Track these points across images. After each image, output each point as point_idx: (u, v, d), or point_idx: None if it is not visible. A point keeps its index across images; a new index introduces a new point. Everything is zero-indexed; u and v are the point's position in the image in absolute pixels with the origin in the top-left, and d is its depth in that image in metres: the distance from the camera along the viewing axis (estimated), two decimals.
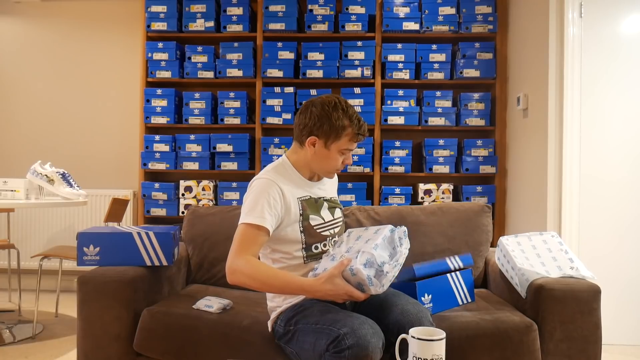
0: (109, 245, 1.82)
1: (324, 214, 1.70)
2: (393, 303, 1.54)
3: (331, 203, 1.76)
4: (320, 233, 1.66)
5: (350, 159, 1.69)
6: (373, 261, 1.41)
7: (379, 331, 1.40)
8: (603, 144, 2.81)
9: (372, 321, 1.43)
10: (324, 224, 1.68)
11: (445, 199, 3.49)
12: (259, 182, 1.61)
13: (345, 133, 1.62)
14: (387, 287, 1.45)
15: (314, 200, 1.70)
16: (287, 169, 1.69)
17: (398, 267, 1.43)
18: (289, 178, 1.67)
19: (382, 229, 1.55)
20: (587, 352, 1.67)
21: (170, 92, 3.64)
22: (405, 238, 1.53)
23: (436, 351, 1.22)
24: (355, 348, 1.33)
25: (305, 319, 1.51)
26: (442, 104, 3.56)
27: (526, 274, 1.78)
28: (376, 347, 1.35)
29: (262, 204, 1.55)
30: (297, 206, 1.63)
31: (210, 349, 1.66)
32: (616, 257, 2.80)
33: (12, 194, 2.77)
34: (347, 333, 1.35)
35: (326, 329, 1.41)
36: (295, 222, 1.62)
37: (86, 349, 1.74)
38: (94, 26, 4.08)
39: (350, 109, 1.64)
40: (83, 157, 4.07)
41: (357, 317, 1.42)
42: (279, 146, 3.56)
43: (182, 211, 3.60)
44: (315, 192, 1.73)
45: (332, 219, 1.73)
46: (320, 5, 3.56)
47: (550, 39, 2.85)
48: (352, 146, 1.66)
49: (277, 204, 1.58)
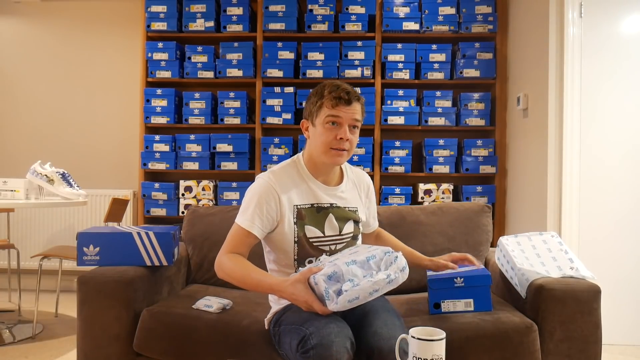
0: (108, 245, 1.82)
1: (327, 226, 1.59)
2: (369, 323, 1.43)
3: (344, 213, 1.62)
4: (317, 246, 1.57)
5: (346, 133, 1.53)
6: (340, 276, 1.34)
7: (346, 331, 1.35)
8: (603, 144, 2.81)
9: (341, 321, 1.39)
10: (322, 237, 1.58)
11: (445, 199, 3.49)
12: (258, 182, 1.58)
13: (323, 101, 1.54)
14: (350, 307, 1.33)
15: (315, 209, 1.59)
16: (298, 169, 1.62)
17: (360, 289, 1.31)
18: (294, 181, 1.59)
19: (377, 249, 1.44)
20: (587, 352, 1.67)
21: (170, 92, 3.64)
22: (394, 264, 1.39)
23: (436, 351, 1.22)
24: (319, 348, 1.29)
25: (287, 319, 1.49)
26: (442, 104, 3.56)
27: (526, 274, 1.78)
28: (341, 346, 1.30)
29: (253, 207, 1.54)
30: (292, 214, 1.56)
31: (209, 349, 1.66)
32: (616, 257, 2.80)
33: (12, 194, 2.77)
34: (312, 332, 1.33)
35: (297, 329, 1.39)
36: (289, 232, 1.56)
37: (86, 349, 1.74)
38: (94, 26, 4.08)
39: (333, 82, 1.56)
40: (83, 157, 4.07)
41: (327, 317, 1.37)
42: (278, 146, 3.56)
43: (182, 211, 3.60)
44: (325, 199, 1.61)
45: (337, 233, 1.60)
46: (320, 5, 3.56)
47: (550, 39, 2.85)
48: (336, 112, 1.52)
49: (271, 209, 1.54)
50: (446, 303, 1.71)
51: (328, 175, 1.64)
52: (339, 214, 1.61)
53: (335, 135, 1.53)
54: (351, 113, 1.53)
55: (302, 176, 1.61)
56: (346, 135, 1.53)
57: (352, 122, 1.55)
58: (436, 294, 1.72)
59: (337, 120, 1.53)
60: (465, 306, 1.72)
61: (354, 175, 1.74)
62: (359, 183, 1.74)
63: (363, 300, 1.34)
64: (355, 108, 1.54)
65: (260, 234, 1.54)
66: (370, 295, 1.35)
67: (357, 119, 1.55)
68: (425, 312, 1.75)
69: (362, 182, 1.75)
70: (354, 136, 1.56)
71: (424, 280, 1.76)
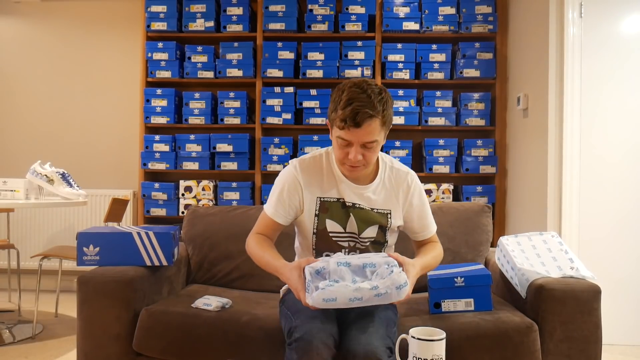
0: (108, 245, 1.82)
1: (349, 224, 1.55)
2: (356, 326, 1.40)
3: (368, 215, 1.55)
4: (335, 242, 1.56)
5: (355, 155, 1.43)
6: (327, 273, 1.34)
7: (330, 328, 1.37)
8: (603, 144, 2.81)
9: (329, 318, 1.41)
10: (342, 233, 1.55)
11: (445, 199, 3.49)
12: (284, 171, 1.62)
13: (333, 117, 1.45)
14: (328, 307, 1.31)
15: (341, 204, 1.55)
16: (328, 161, 1.58)
17: (336, 291, 1.29)
18: (321, 173, 1.56)
19: (381, 258, 1.39)
20: (587, 352, 1.67)
21: (170, 92, 3.64)
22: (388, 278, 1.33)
23: (436, 351, 1.22)
24: (301, 341, 1.32)
25: (287, 302, 1.56)
26: (442, 104, 3.56)
27: (526, 274, 1.78)
28: (322, 343, 1.31)
29: (277, 195, 1.59)
30: (315, 206, 1.56)
31: (209, 347, 1.66)
32: (616, 257, 2.80)
33: (12, 194, 2.76)
34: (298, 325, 1.37)
35: (289, 317, 1.46)
36: (309, 222, 1.57)
37: (86, 349, 1.74)
38: (94, 26, 4.08)
39: (351, 90, 1.40)
40: (83, 157, 4.07)
41: (316, 312, 1.39)
42: (278, 146, 3.56)
43: (182, 211, 3.60)
44: (350, 197, 1.55)
45: (356, 233, 1.56)
46: (320, 5, 3.56)
47: (550, 38, 2.85)
48: (344, 135, 1.42)
49: (294, 198, 1.57)
50: (446, 303, 1.71)
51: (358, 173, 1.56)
52: (362, 215, 1.56)
53: (346, 154, 1.46)
54: (361, 135, 1.41)
55: (330, 169, 1.59)
56: (356, 157, 1.43)
57: (363, 144, 1.43)
58: (436, 294, 1.72)
59: (347, 142, 1.44)
60: (465, 306, 1.72)
61: (393, 174, 1.62)
62: (396, 183, 1.61)
63: (342, 304, 1.31)
64: (367, 129, 1.40)
65: (284, 221, 1.60)
66: (351, 301, 1.31)
67: (369, 141, 1.42)
68: (426, 311, 1.75)
69: (401, 182, 1.62)
70: (370, 152, 1.46)
71: (425, 280, 1.76)
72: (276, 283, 2.08)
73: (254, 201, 3.62)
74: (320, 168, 1.58)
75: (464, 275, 1.71)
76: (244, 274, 2.16)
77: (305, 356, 1.30)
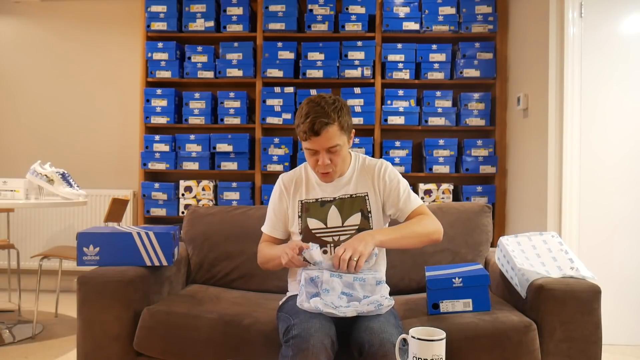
0: (108, 245, 1.82)
1: (330, 218, 1.68)
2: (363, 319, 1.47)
3: (349, 204, 1.68)
4: (319, 238, 1.68)
5: (323, 160, 1.60)
6: (320, 282, 1.49)
7: (328, 328, 1.39)
8: (603, 144, 2.81)
9: (327, 319, 1.43)
10: (324, 229, 1.68)
11: (445, 199, 3.49)
12: (273, 189, 1.80)
13: (298, 131, 1.62)
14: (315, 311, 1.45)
15: (320, 203, 1.70)
16: (306, 171, 1.77)
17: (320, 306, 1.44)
18: (302, 180, 1.75)
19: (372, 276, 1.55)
20: (587, 352, 1.67)
21: (170, 92, 3.64)
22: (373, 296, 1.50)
23: (436, 351, 1.22)
24: (298, 339, 1.34)
25: (285, 308, 1.61)
26: (442, 104, 3.56)
27: (526, 274, 1.78)
28: (319, 342, 1.33)
29: (270, 213, 1.79)
30: (297, 208, 1.72)
31: (210, 348, 1.66)
32: (616, 257, 2.80)
33: (12, 194, 2.77)
34: (296, 324, 1.40)
35: (287, 318, 1.49)
36: (295, 224, 1.72)
37: (86, 349, 1.74)
38: (94, 26, 4.08)
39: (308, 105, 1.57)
40: (83, 157, 4.07)
41: (314, 313, 1.44)
42: (278, 146, 3.56)
43: (182, 211, 3.60)
44: (330, 193, 1.70)
45: (339, 225, 1.69)
46: (320, 5, 3.56)
47: (551, 38, 2.85)
48: (309, 145, 1.59)
49: (283, 208, 1.75)
50: (445, 303, 1.71)
51: None
52: (340, 204, 1.70)
53: (316, 161, 1.63)
54: (323, 142, 1.57)
55: (309, 177, 1.76)
56: (324, 161, 1.60)
57: (327, 149, 1.59)
58: (435, 295, 1.72)
59: (313, 150, 1.61)
60: (464, 306, 1.72)
61: (365, 163, 1.76)
62: (369, 169, 1.73)
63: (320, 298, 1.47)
64: (325, 136, 1.56)
65: (282, 235, 1.78)
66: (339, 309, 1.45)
67: (331, 146, 1.58)
68: (424, 312, 1.75)
69: (373, 167, 1.74)
70: (335, 156, 1.62)
71: (423, 281, 1.76)
72: (276, 284, 2.09)
73: (254, 201, 3.62)
74: (301, 178, 1.76)
75: (462, 276, 1.71)
76: (244, 274, 2.16)
77: (300, 354, 1.31)
